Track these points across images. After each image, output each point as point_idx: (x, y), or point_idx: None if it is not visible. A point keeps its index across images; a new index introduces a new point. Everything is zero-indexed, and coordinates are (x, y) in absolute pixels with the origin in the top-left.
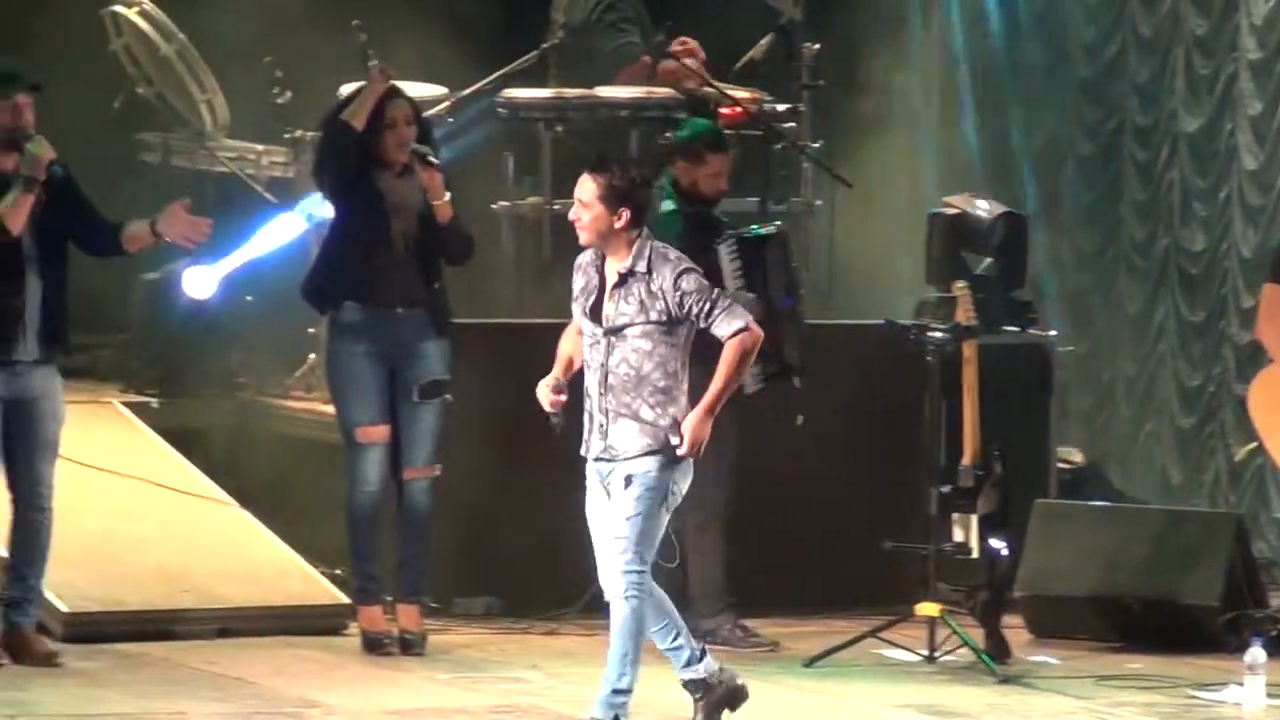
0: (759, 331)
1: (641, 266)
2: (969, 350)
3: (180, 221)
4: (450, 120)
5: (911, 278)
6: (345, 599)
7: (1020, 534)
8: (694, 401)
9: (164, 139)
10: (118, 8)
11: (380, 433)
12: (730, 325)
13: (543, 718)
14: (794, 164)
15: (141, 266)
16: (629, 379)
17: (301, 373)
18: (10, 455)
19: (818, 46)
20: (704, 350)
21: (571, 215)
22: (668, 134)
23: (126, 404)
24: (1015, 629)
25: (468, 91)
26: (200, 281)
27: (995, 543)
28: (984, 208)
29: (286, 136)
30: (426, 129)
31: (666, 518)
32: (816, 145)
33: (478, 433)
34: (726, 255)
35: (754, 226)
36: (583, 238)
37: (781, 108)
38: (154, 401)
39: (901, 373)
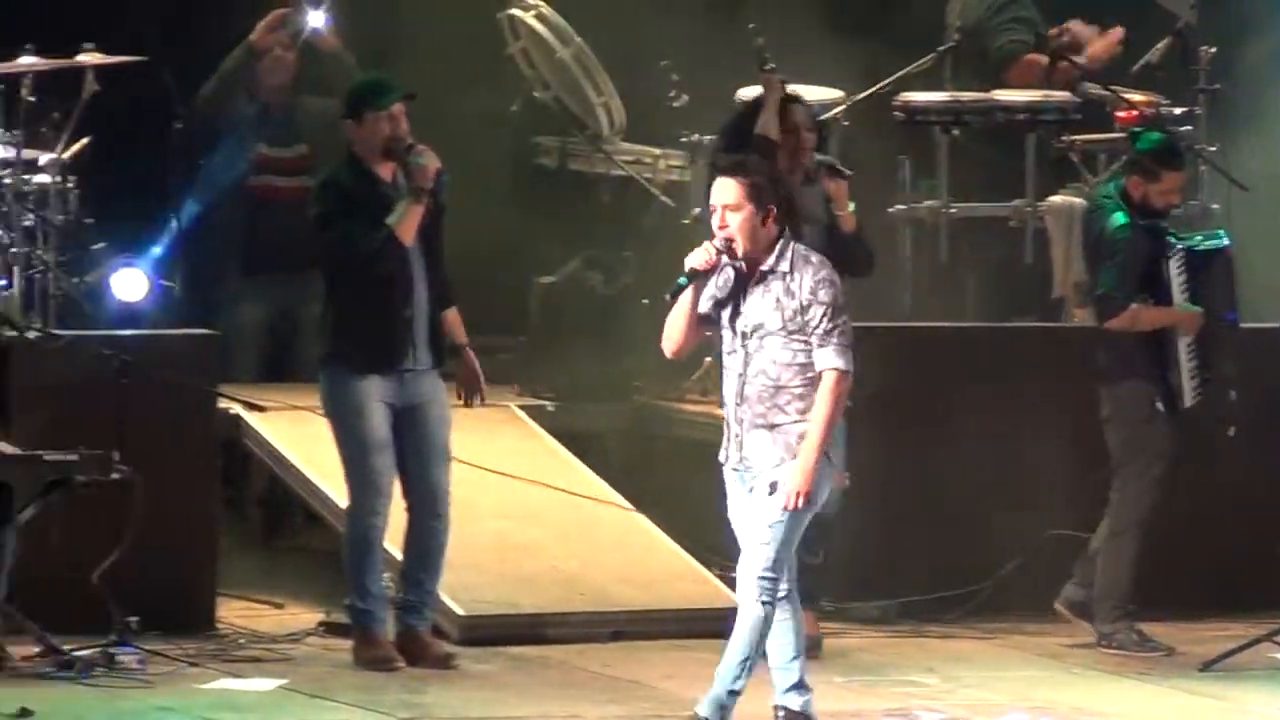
0: (851, 378)
1: (784, 266)
2: None
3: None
4: (846, 124)
5: None
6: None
7: None
8: None
9: (561, 143)
10: (514, 11)
11: None
12: (837, 359)
13: None
14: (1191, 167)
15: (539, 269)
16: (766, 390)
17: (697, 376)
18: (404, 462)
19: (1214, 50)
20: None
21: (717, 224)
22: (1063, 138)
23: (523, 407)
24: None
25: (864, 95)
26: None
27: None
28: None
29: (683, 140)
30: (824, 135)
31: (806, 522)
32: (1213, 149)
33: (875, 436)
34: (1175, 269)
35: (1198, 236)
36: (737, 248)
37: (1178, 111)
38: (550, 405)
39: None
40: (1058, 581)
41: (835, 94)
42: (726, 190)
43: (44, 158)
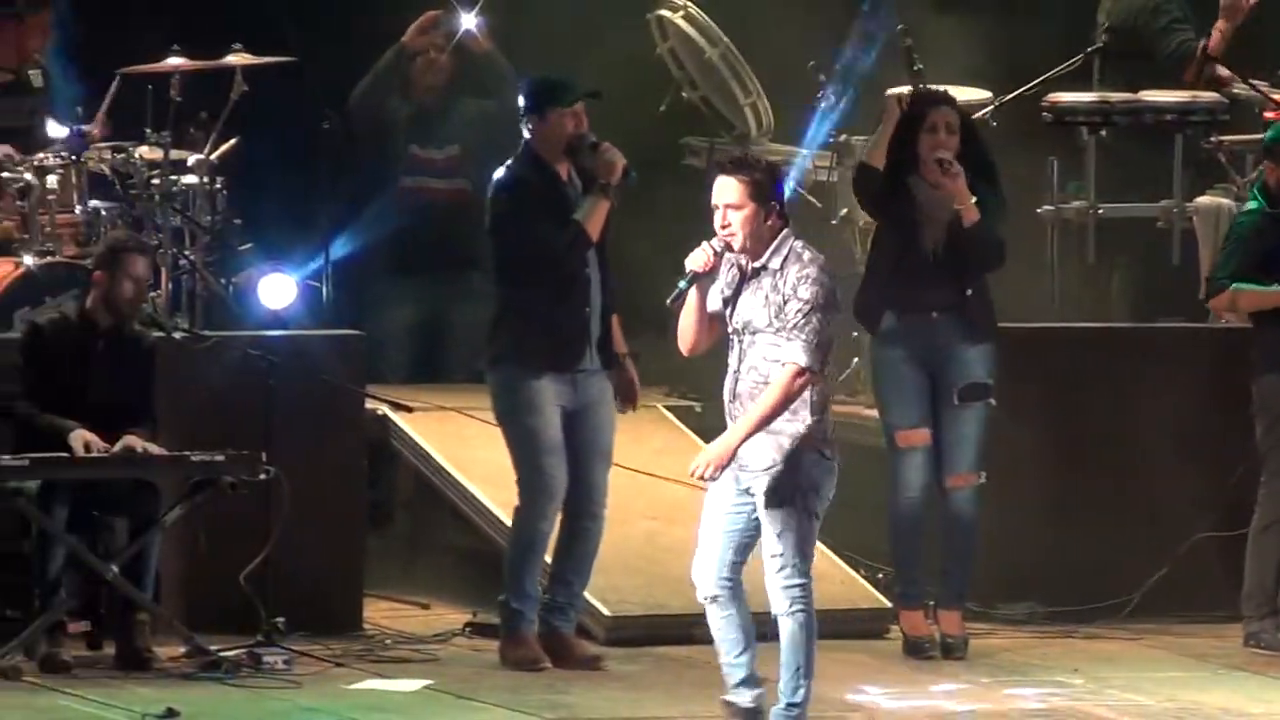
0: (811, 380)
1: (775, 263)
2: None
3: (627, 389)
4: (994, 125)
5: None
6: (887, 602)
7: None
8: None
9: (709, 143)
10: (663, 12)
11: (920, 436)
12: (802, 354)
13: None
14: None
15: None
16: (757, 387)
17: (845, 377)
18: (568, 463)
19: None
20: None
21: (719, 222)
22: (1211, 139)
23: (670, 408)
24: None
25: (1011, 96)
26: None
27: None
28: None
29: (830, 141)
30: (973, 134)
31: (818, 522)
32: None
33: (1022, 437)
34: None
35: None
36: (735, 243)
37: None
38: (697, 405)
39: None
40: (1204, 583)
41: (983, 95)
42: (729, 189)
43: (192, 159)
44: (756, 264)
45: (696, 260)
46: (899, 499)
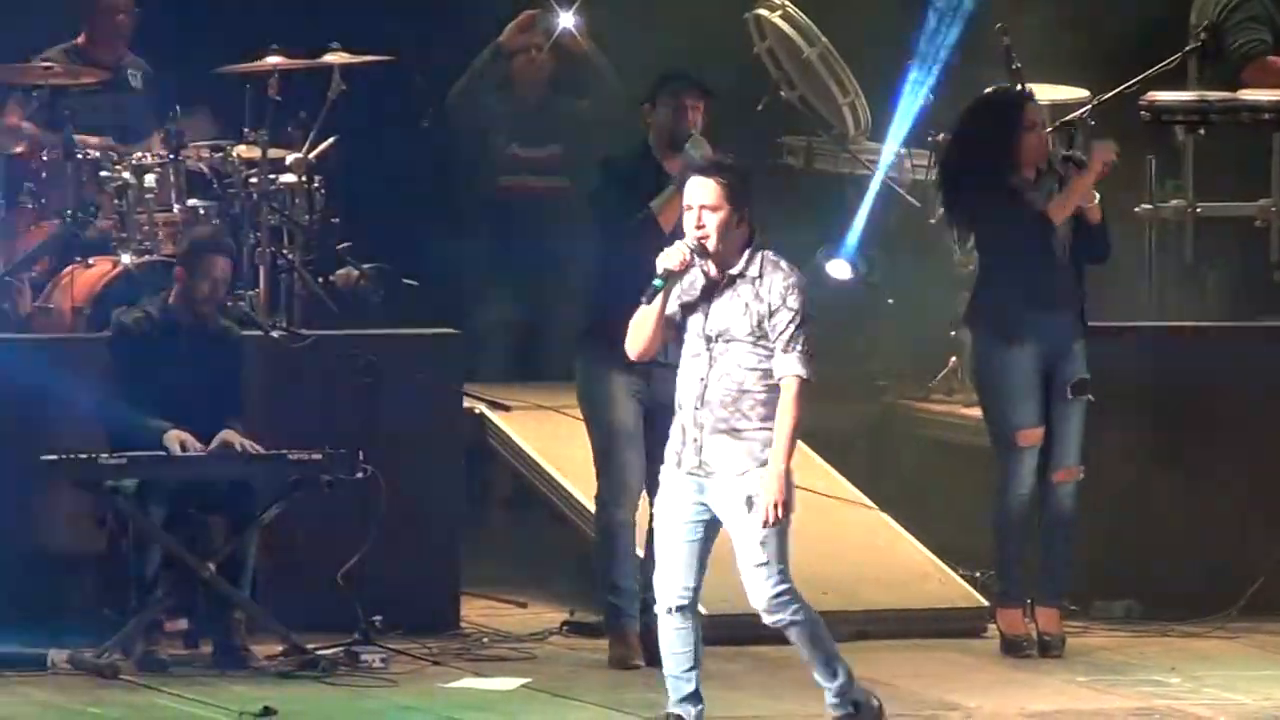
0: (812, 388)
1: (754, 271)
2: None
3: None
4: (1093, 123)
5: None
6: (984, 601)
7: None
8: None
9: (807, 142)
10: (761, 11)
11: (1039, 435)
12: (801, 367)
13: None
14: None
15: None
16: (729, 394)
17: (943, 375)
18: (651, 460)
19: None
20: None
21: (694, 223)
22: None
23: None
24: None
25: (1110, 94)
26: (840, 266)
27: None
28: None
29: (929, 139)
30: (1071, 134)
31: (790, 530)
32: None
33: (1119, 436)
34: None
35: None
36: (710, 244)
37: None
38: None
39: None
40: None
41: (1081, 93)
42: (706, 190)
43: (290, 157)
44: (732, 271)
45: (672, 259)
46: (1011, 497)
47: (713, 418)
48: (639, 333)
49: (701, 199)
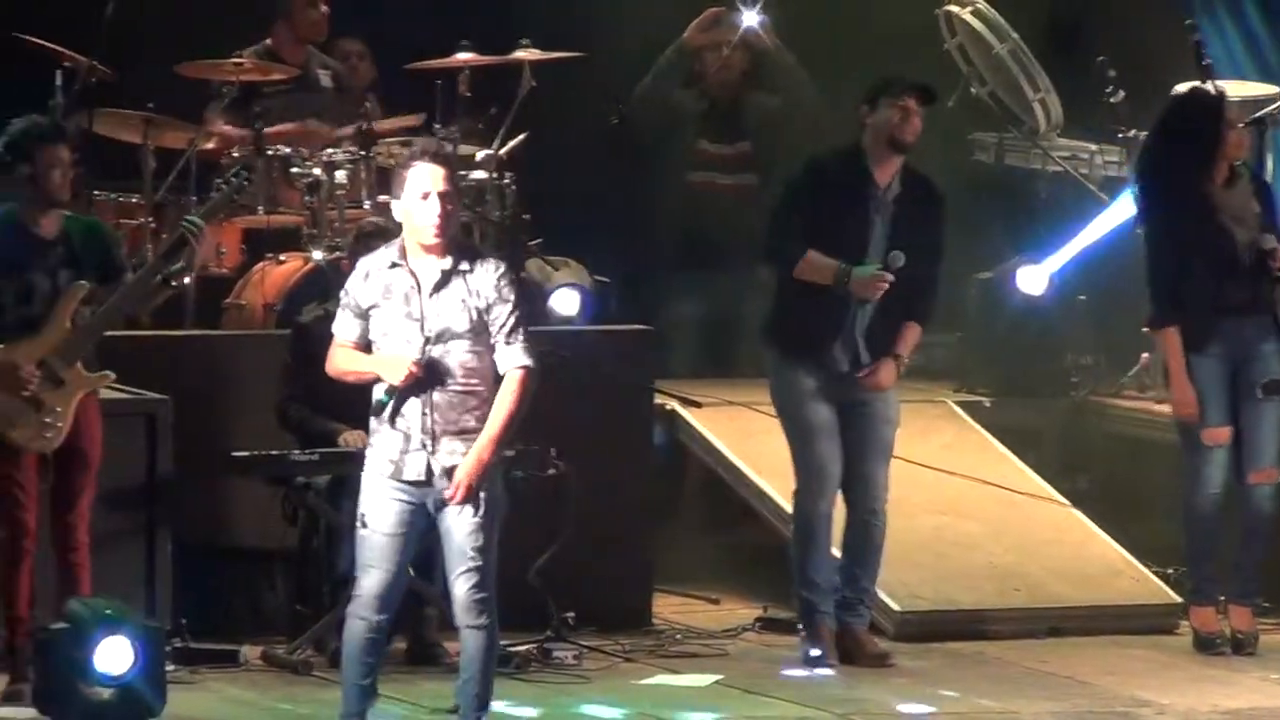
0: (536, 378)
1: (464, 265)
2: None
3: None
4: None
5: None
6: (1177, 598)
7: None
8: None
9: (998, 138)
10: (951, 7)
11: (1226, 434)
12: (525, 357)
13: None
14: None
15: (975, 265)
16: (456, 394)
17: (1135, 372)
18: (845, 457)
19: None
20: None
21: (436, 211)
22: None
23: (959, 403)
24: None
25: None
26: (1033, 278)
27: None
28: None
29: (1120, 136)
30: (1261, 131)
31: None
32: None
33: None
34: None
35: None
36: (448, 231)
37: None
38: (986, 400)
39: None
40: None
41: (1270, 89)
42: (439, 177)
43: (480, 154)
44: (445, 267)
45: (397, 376)
46: (1200, 495)
47: (443, 420)
48: (345, 373)
49: (439, 186)
